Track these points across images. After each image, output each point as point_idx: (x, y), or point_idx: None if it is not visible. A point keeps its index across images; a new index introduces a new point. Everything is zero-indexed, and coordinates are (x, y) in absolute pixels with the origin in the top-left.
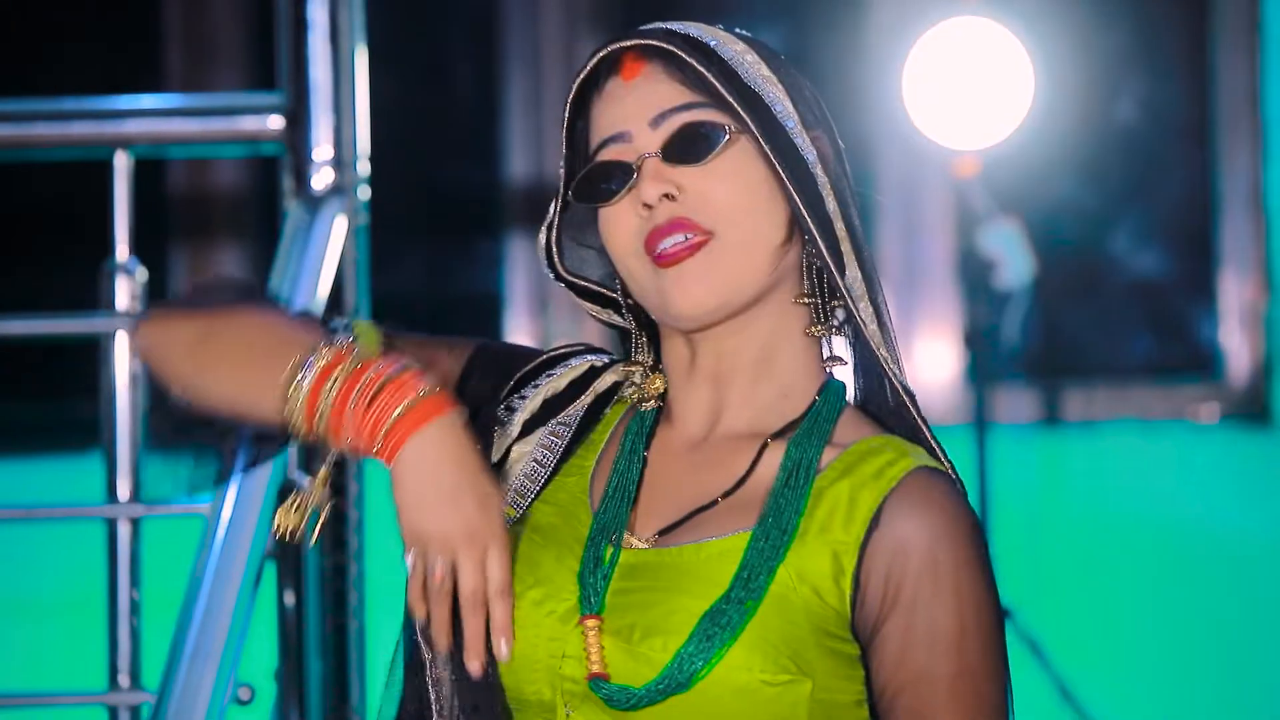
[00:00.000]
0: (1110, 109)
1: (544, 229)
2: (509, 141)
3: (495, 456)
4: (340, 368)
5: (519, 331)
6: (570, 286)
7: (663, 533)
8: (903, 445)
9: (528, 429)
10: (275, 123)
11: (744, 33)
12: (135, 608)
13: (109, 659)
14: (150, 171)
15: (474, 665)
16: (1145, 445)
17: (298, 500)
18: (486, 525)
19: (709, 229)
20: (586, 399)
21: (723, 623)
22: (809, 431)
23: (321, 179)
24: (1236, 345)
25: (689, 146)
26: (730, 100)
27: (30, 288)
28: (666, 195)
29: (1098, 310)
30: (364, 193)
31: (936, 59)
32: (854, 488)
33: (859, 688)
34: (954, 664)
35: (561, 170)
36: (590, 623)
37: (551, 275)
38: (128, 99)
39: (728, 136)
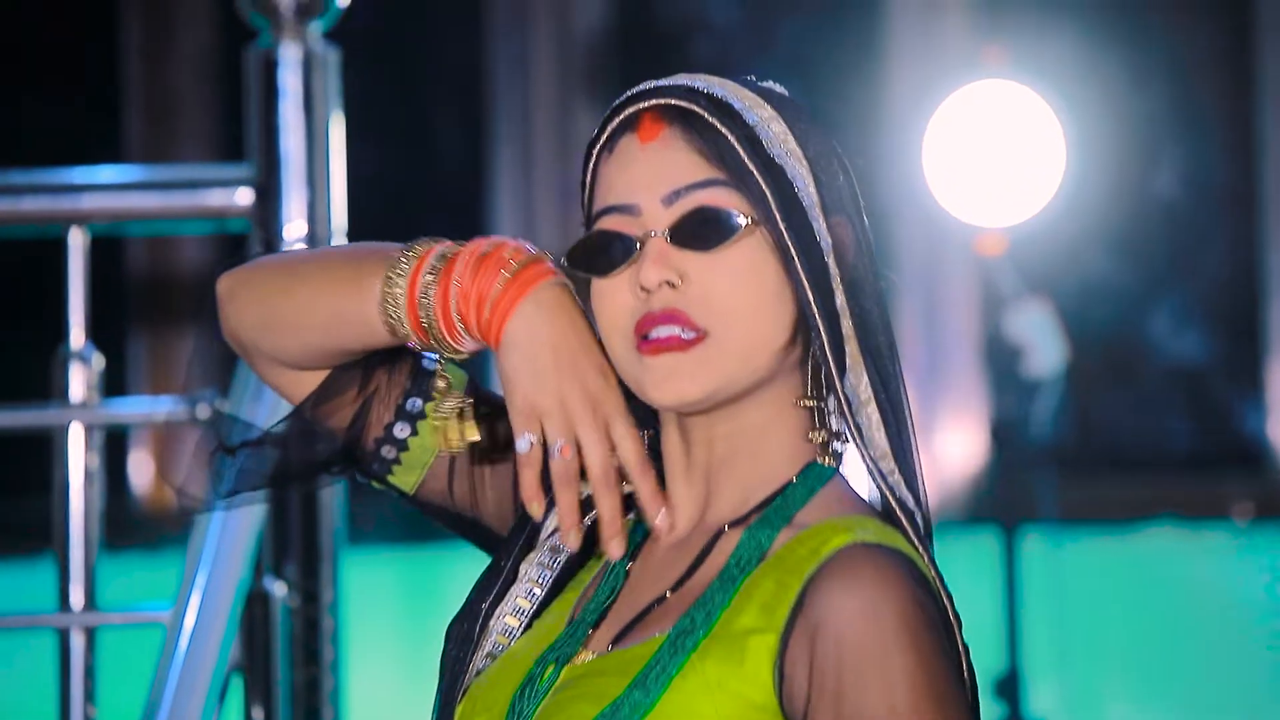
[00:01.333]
0: (1147, 180)
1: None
2: (497, 213)
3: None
4: (434, 255)
5: None
6: None
7: (616, 640)
8: (850, 522)
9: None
10: (244, 197)
11: (773, 88)
12: None
13: None
14: (108, 250)
15: (616, 546)
16: (1186, 544)
17: (449, 413)
18: (608, 393)
19: (704, 328)
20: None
21: None
22: (769, 516)
23: None
24: None
25: (700, 231)
26: (750, 182)
27: None
28: (668, 282)
29: (1134, 399)
30: None
31: (959, 126)
32: (784, 574)
33: None
34: None
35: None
36: None
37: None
38: (83, 171)
39: (744, 226)
